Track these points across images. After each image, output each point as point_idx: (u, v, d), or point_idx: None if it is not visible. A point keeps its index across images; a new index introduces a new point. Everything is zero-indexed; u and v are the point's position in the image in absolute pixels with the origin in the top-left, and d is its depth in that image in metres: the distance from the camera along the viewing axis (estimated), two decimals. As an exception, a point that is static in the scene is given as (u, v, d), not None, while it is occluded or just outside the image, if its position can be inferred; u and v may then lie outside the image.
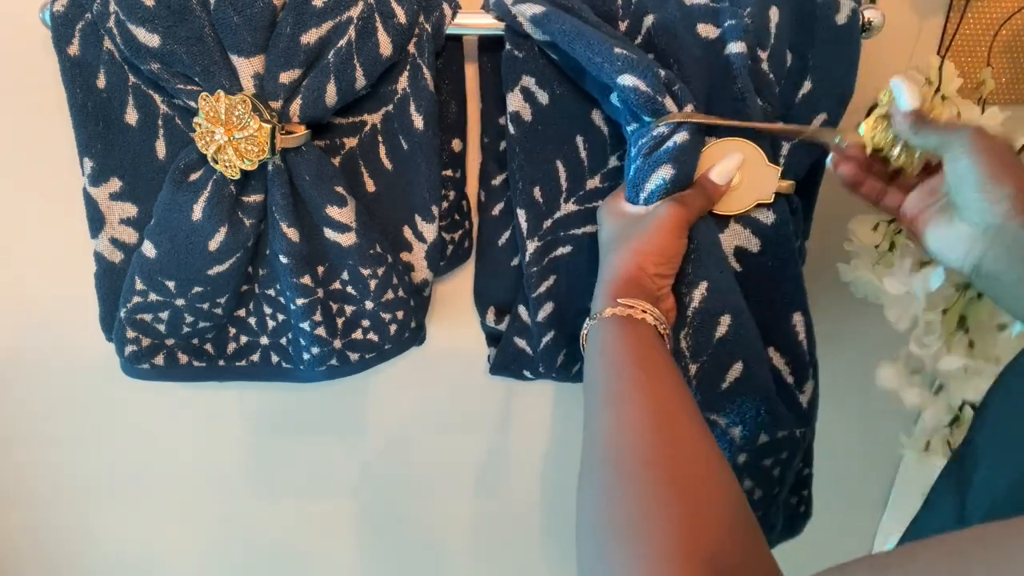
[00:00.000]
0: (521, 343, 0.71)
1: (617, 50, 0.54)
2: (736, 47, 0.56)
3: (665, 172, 0.54)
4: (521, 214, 0.64)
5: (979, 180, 0.48)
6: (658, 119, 0.54)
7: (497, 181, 0.67)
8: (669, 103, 0.54)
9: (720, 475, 0.39)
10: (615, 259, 0.53)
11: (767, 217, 0.58)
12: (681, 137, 0.54)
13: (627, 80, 0.53)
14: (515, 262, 0.69)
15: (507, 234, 0.69)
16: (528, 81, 0.60)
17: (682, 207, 0.53)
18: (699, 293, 0.55)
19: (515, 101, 0.61)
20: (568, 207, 0.64)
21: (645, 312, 0.49)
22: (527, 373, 0.73)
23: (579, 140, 0.63)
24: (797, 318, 0.60)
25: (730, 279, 0.56)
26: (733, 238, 0.59)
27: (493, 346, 0.74)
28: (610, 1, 0.59)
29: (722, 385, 0.56)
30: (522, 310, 0.70)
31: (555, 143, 0.62)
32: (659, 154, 0.54)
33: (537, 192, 0.63)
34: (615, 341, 0.48)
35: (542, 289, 0.66)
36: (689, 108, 0.54)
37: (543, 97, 0.61)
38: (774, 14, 0.57)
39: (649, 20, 0.58)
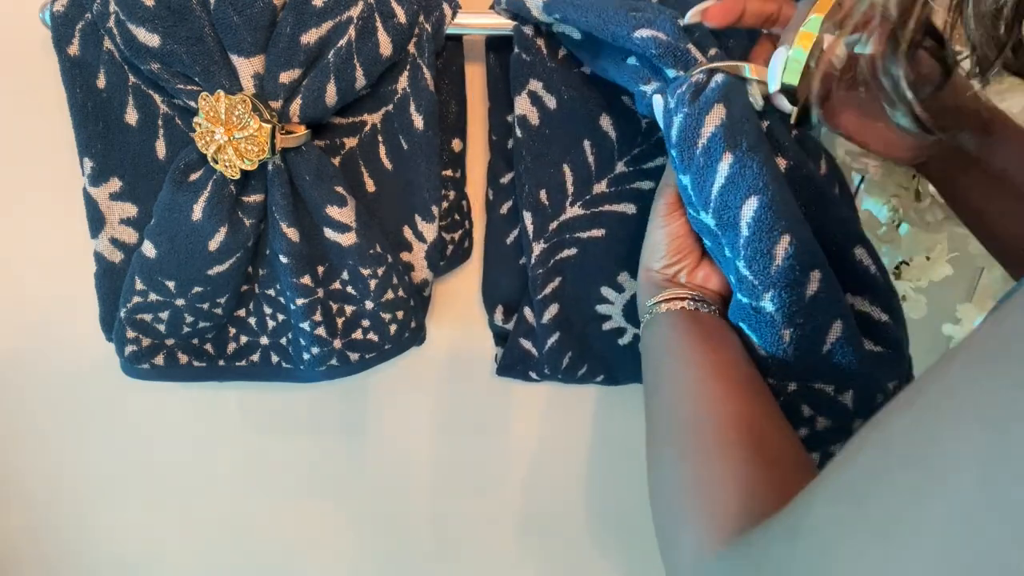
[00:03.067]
0: (527, 344, 0.72)
1: (632, 13, 0.52)
2: None
3: (719, 112, 0.47)
4: (527, 216, 0.64)
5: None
6: (691, 69, 0.50)
7: (505, 179, 0.67)
8: (694, 50, 0.50)
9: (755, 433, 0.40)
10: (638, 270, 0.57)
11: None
12: (721, 78, 0.48)
13: (644, 32, 0.50)
14: (523, 260, 0.69)
15: (515, 232, 0.68)
16: (536, 85, 0.60)
17: (663, 193, 0.54)
18: (782, 249, 0.46)
19: (522, 105, 0.61)
20: (574, 210, 0.64)
21: (667, 303, 0.51)
22: (533, 375, 0.74)
23: (586, 144, 0.62)
24: (859, 252, 0.51)
25: (809, 231, 0.48)
26: None
27: (500, 345, 0.74)
28: None
29: (823, 348, 0.49)
30: (528, 312, 0.70)
31: (562, 147, 0.62)
32: (706, 94, 0.48)
33: (543, 195, 0.63)
34: (648, 345, 0.51)
35: (547, 291, 0.67)
36: (713, 51, 0.51)
37: (551, 101, 0.61)
38: None
39: None
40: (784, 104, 0.47)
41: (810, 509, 0.28)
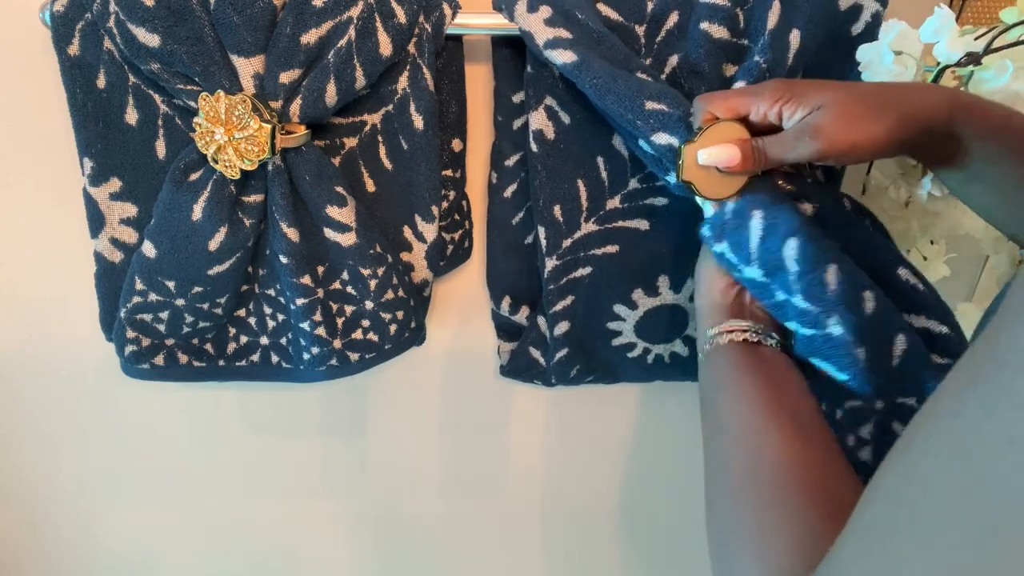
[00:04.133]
0: (536, 354, 0.72)
1: (649, 105, 0.54)
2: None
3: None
4: (541, 231, 0.64)
5: (860, 151, 0.47)
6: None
7: (510, 162, 0.66)
8: None
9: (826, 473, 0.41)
10: (697, 297, 0.56)
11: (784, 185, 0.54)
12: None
13: (662, 139, 0.54)
14: (529, 239, 0.68)
15: (520, 215, 0.68)
16: (551, 101, 0.61)
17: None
18: (832, 276, 0.48)
19: (539, 119, 0.61)
20: (588, 227, 0.64)
21: (729, 334, 0.50)
22: (538, 382, 0.74)
23: (600, 161, 0.63)
24: (903, 272, 0.54)
25: (850, 259, 0.51)
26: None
27: (503, 338, 0.73)
28: (633, 38, 0.59)
29: (893, 362, 0.50)
30: (541, 320, 0.70)
31: (576, 162, 0.63)
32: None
33: (558, 211, 0.64)
34: (708, 379, 0.50)
35: (558, 308, 0.67)
36: None
37: (566, 117, 0.61)
38: (794, 38, 0.56)
39: (674, 60, 0.59)
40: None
41: (839, 562, 0.29)
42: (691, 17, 0.58)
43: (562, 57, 0.55)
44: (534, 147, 0.62)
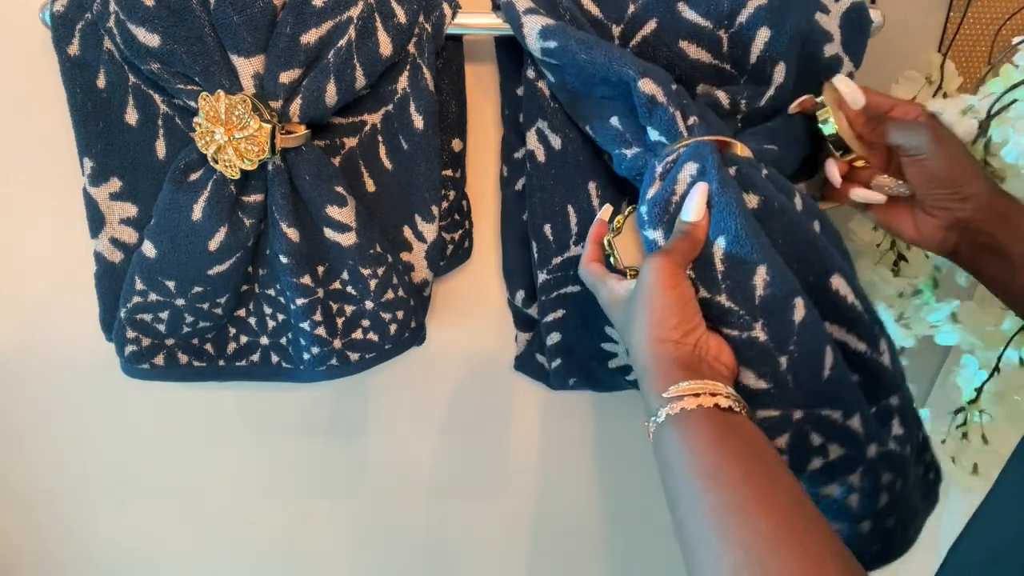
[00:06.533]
0: (541, 359, 0.74)
1: (637, 60, 0.54)
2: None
3: (690, 168, 0.51)
4: (534, 244, 0.65)
5: (945, 179, 0.51)
6: (673, 143, 0.53)
7: (519, 154, 0.66)
8: (679, 117, 0.53)
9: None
10: (636, 349, 0.47)
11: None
12: (693, 143, 0.52)
13: (647, 86, 0.53)
14: None
15: None
16: (542, 124, 0.61)
17: (667, 257, 0.48)
18: (760, 279, 0.48)
19: (531, 141, 0.62)
20: (577, 249, 0.65)
21: (700, 396, 0.42)
22: (545, 384, 0.75)
23: (591, 187, 0.63)
24: (836, 281, 0.51)
25: (781, 262, 0.49)
26: None
27: (519, 328, 0.74)
28: (608, 37, 0.58)
29: (823, 373, 0.49)
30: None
31: (567, 187, 0.63)
32: (682, 157, 0.52)
33: (548, 229, 0.64)
34: (691, 448, 0.41)
35: (550, 319, 0.68)
36: (692, 119, 0.54)
37: (556, 141, 0.61)
38: (779, 72, 0.57)
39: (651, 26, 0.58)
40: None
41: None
42: (670, 30, 0.56)
43: (542, 21, 0.55)
44: (528, 167, 0.63)
